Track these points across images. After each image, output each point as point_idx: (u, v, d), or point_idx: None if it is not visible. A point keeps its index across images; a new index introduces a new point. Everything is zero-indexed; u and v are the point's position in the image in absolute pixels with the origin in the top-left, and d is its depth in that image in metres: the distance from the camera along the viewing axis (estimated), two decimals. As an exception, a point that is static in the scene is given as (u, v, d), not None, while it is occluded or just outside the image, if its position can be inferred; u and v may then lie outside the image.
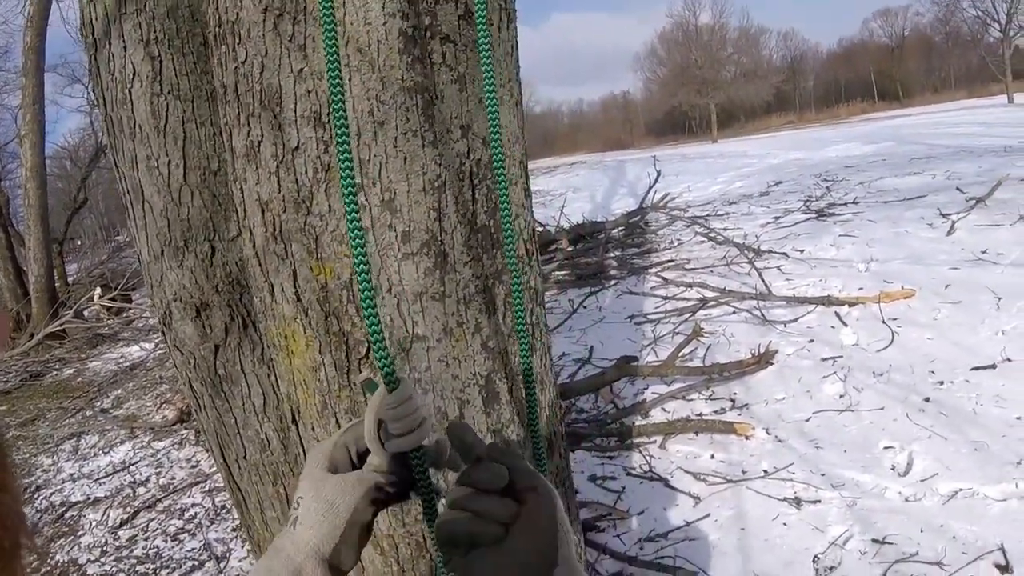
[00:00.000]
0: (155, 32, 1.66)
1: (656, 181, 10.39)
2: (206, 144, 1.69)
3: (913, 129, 18.82)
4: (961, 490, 3.24)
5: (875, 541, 3.03)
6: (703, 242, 8.27)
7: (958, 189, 7.72)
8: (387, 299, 1.38)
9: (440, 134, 1.36)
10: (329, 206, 1.36)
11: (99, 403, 8.38)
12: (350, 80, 1.32)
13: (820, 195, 9.81)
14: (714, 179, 15.18)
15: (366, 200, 1.34)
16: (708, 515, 3.48)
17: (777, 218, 8.76)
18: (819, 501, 3.40)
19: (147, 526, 4.87)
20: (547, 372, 1.67)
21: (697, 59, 66.45)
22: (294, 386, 1.57)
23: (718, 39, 68.41)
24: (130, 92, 1.70)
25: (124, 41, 1.68)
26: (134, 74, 1.68)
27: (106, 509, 5.23)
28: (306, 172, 1.36)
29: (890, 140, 16.47)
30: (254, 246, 1.52)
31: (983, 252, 5.71)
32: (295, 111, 1.35)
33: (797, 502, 3.41)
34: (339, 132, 0.92)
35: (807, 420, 4.10)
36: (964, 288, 5.13)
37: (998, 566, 2.73)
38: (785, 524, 3.29)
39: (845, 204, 8.72)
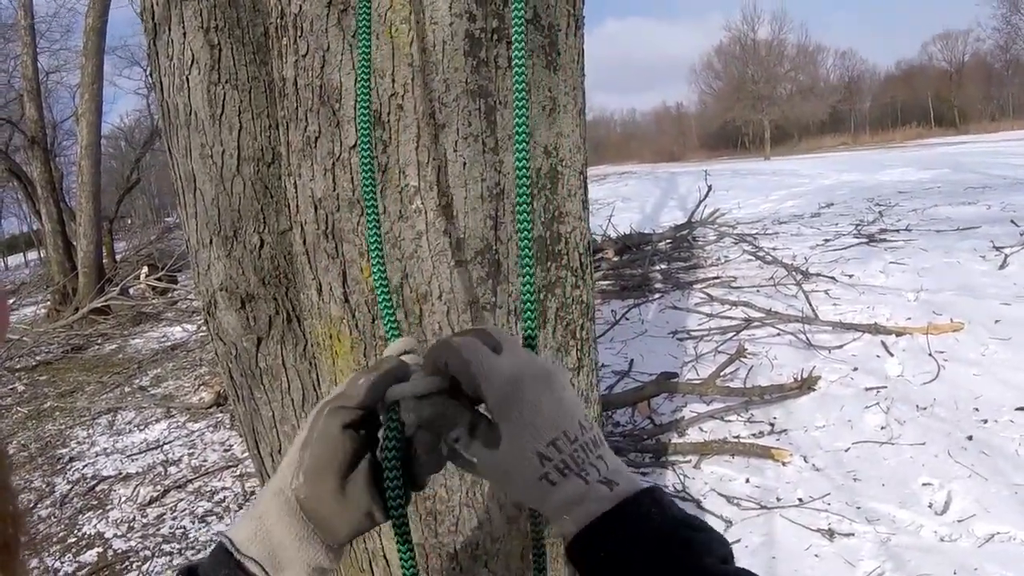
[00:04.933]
0: (215, 20, 1.64)
1: (706, 196, 10.28)
2: (261, 136, 1.67)
3: (970, 157, 18.42)
4: (998, 533, 3.16)
5: (909, 580, 2.96)
6: (751, 260, 8.17)
7: (1012, 222, 7.54)
8: (437, 306, 1.34)
9: (501, 140, 1.33)
10: (384, 207, 1.33)
11: (138, 380, 8.51)
12: (412, 80, 1.29)
13: (872, 220, 9.63)
14: (765, 197, 14.98)
15: (422, 204, 1.31)
16: (739, 540, 3.42)
17: (827, 240, 8.62)
18: (853, 534, 3.33)
19: (176, 506, 4.92)
20: (592, 389, 1.62)
21: (753, 74, 65.89)
22: (335, 386, 1.54)
23: (776, 55, 67.71)
24: (187, 79, 1.69)
25: (184, 27, 1.67)
26: (192, 61, 1.67)
27: (136, 486, 5.30)
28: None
29: (946, 167, 16.12)
30: (304, 243, 1.50)
31: (1035, 289, 5.56)
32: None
33: (830, 534, 3.34)
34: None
35: (846, 450, 4.02)
36: (1014, 324, 5.00)
37: (1036, 616, 2.66)
38: (817, 556, 3.23)
39: (897, 231, 8.54)
